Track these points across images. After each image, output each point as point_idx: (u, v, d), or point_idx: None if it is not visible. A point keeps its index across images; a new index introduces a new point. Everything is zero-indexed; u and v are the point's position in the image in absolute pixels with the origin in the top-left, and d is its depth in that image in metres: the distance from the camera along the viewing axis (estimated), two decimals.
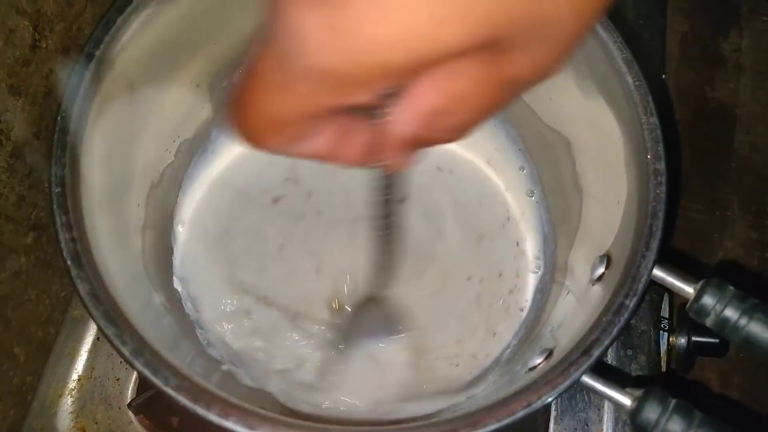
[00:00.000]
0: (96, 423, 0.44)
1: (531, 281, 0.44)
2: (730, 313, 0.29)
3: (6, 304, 0.40)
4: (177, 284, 0.43)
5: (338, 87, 0.19)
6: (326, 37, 0.17)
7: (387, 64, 0.18)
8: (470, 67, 0.19)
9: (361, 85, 0.18)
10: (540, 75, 0.20)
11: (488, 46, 0.18)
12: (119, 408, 0.44)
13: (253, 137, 0.22)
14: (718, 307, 0.30)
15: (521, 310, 0.43)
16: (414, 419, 0.28)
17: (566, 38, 0.19)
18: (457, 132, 0.21)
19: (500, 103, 0.21)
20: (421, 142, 0.22)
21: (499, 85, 0.20)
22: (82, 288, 0.29)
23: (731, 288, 0.30)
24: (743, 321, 0.29)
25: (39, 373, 0.44)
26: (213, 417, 0.27)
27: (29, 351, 0.43)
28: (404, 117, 0.20)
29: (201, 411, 0.27)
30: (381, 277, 0.33)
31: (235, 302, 0.43)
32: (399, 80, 0.19)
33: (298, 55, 0.18)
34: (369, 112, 0.21)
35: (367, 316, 0.40)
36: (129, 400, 0.44)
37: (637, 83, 0.34)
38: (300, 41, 0.18)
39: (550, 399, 0.28)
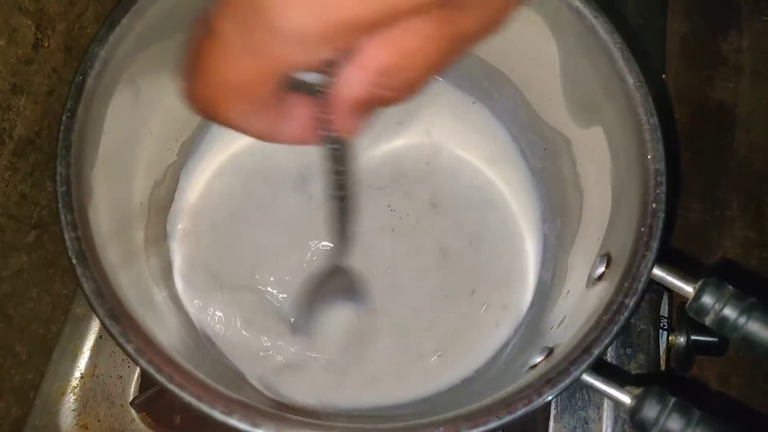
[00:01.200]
0: (98, 420, 0.44)
1: (531, 280, 0.44)
2: (729, 311, 0.30)
3: (8, 302, 0.40)
4: (178, 282, 0.43)
5: (302, 45, 0.19)
6: None
7: (352, 19, 0.18)
8: (422, 23, 0.20)
9: (324, 42, 0.19)
10: (485, 31, 0.21)
11: (441, 4, 0.19)
12: (121, 406, 0.45)
13: (209, 105, 0.22)
14: (717, 306, 0.30)
15: (521, 309, 0.44)
16: (415, 416, 0.28)
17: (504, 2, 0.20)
18: (406, 90, 0.22)
19: (448, 59, 0.21)
20: (371, 102, 0.22)
21: (448, 42, 0.21)
22: (87, 286, 0.29)
23: (730, 287, 0.30)
24: (742, 320, 0.29)
25: (41, 371, 0.45)
26: (217, 414, 0.27)
27: (31, 349, 0.43)
28: (354, 78, 0.21)
29: (205, 408, 0.27)
30: (340, 247, 0.33)
31: (232, 298, 0.43)
32: (359, 35, 0.19)
33: (262, 16, 0.18)
34: (311, 86, 0.22)
35: (328, 285, 0.40)
36: (131, 398, 0.44)
37: (637, 84, 0.34)
38: (265, 2, 0.18)
39: (550, 397, 0.28)
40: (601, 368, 0.31)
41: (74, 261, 0.29)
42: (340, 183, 0.27)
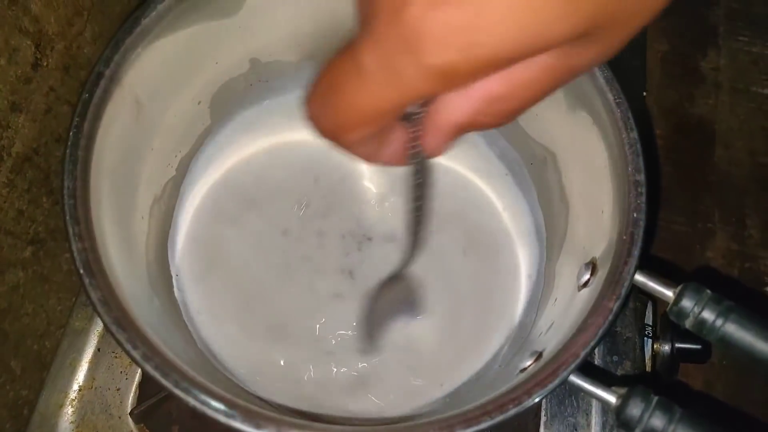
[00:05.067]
0: None
1: (522, 290, 0.45)
2: (708, 314, 0.31)
3: (4, 317, 0.41)
4: (177, 293, 0.44)
5: (446, 80, 0.19)
6: (447, 34, 0.18)
7: (498, 56, 0.18)
8: (546, 56, 0.20)
9: (465, 77, 0.19)
10: (600, 62, 0.21)
11: (575, 41, 0.19)
12: (119, 417, 0.45)
13: (336, 130, 0.22)
14: (696, 310, 0.31)
15: (514, 317, 0.45)
16: (411, 417, 0.29)
17: (631, 29, 0.20)
18: (507, 118, 0.22)
19: (555, 89, 0.21)
20: (469, 126, 0.22)
21: (563, 74, 0.21)
22: (94, 295, 0.30)
23: (708, 291, 0.32)
24: (719, 322, 0.31)
25: (35, 387, 0.45)
26: (220, 417, 0.28)
27: (25, 365, 0.43)
28: (460, 103, 0.21)
29: (209, 411, 0.28)
30: (412, 255, 0.34)
31: (229, 311, 0.44)
32: (496, 71, 0.19)
33: (413, 52, 0.18)
34: (409, 112, 0.22)
35: (388, 299, 0.40)
36: (129, 410, 0.44)
37: (617, 100, 0.36)
38: (418, 39, 0.18)
39: (540, 397, 0.29)
40: (589, 372, 0.32)
41: (81, 271, 0.30)
42: (419, 195, 0.28)
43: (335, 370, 0.43)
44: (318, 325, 0.44)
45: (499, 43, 0.18)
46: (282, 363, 0.43)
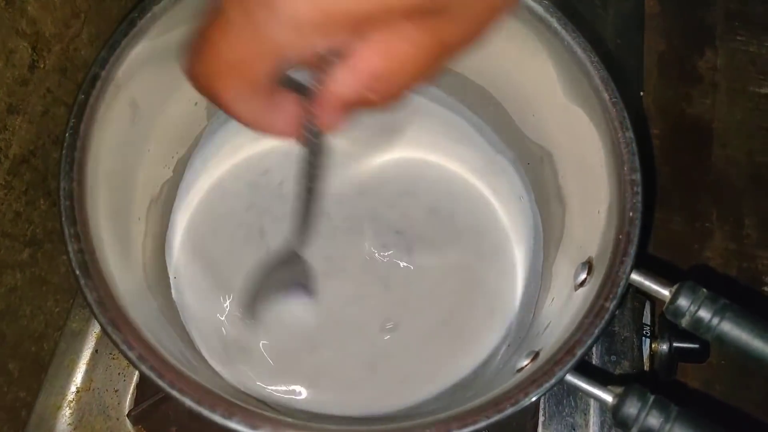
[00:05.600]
0: None
1: (518, 290, 0.46)
2: (704, 313, 0.31)
3: (1, 319, 0.41)
4: (174, 295, 0.44)
5: (298, 31, 0.21)
6: None
7: (348, 11, 0.20)
8: (411, 30, 0.22)
9: (318, 31, 0.21)
10: (469, 40, 0.23)
11: (429, 11, 0.21)
12: (117, 419, 0.45)
13: (206, 80, 0.24)
14: (692, 308, 0.31)
15: (510, 317, 0.45)
16: (408, 418, 0.29)
17: (487, 13, 0.23)
18: (392, 95, 0.24)
19: (434, 67, 0.23)
20: (357, 103, 0.24)
21: (435, 49, 0.23)
22: (91, 296, 0.30)
23: (704, 290, 0.32)
24: (715, 320, 0.31)
25: (33, 389, 0.45)
26: (217, 417, 0.28)
27: (23, 367, 0.43)
28: (345, 78, 0.23)
29: (206, 412, 0.28)
30: (301, 235, 0.35)
31: (225, 312, 0.44)
32: (352, 30, 0.21)
33: (268, 4, 0.20)
34: (303, 86, 0.24)
35: (282, 273, 0.41)
36: (127, 411, 0.44)
37: (613, 100, 0.36)
38: None
39: (536, 397, 0.29)
40: (586, 371, 0.32)
41: (78, 272, 0.30)
42: (312, 174, 0.29)
43: (336, 369, 0.43)
44: (319, 325, 0.44)
45: None
46: (281, 362, 0.43)
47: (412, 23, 0.21)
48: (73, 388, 0.46)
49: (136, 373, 0.46)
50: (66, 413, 0.45)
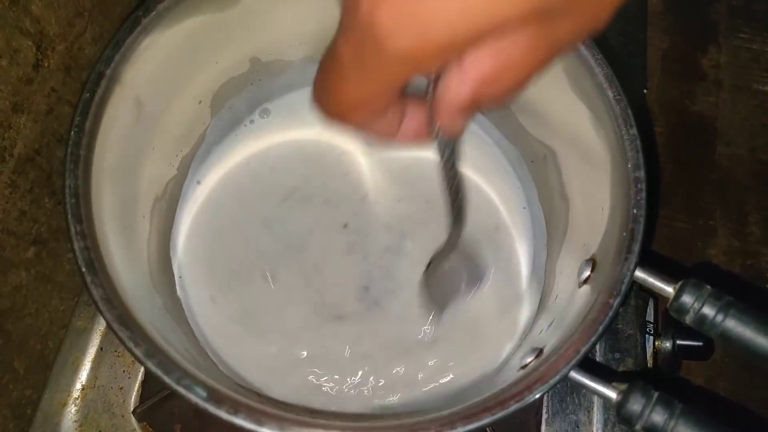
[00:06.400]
0: (99, 431, 0.45)
1: (523, 288, 0.46)
2: (708, 310, 0.31)
3: (7, 317, 0.41)
4: (179, 292, 0.44)
5: (410, 64, 0.21)
6: (397, 23, 0.20)
7: (453, 37, 0.20)
8: (522, 36, 0.21)
9: (429, 59, 0.21)
10: (581, 36, 0.23)
11: (539, 16, 0.21)
12: (122, 416, 0.45)
13: (336, 117, 0.25)
14: (696, 305, 0.31)
15: (513, 316, 0.45)
16: (413, 414, 0.29)
17: (606, 4, 0.22)
18: (505, 96, 0.24)
19: (545, 65, 0.23)
20: (474, 107, 0.24)
21: (546, 50, 0.22)
22: (96, 293, 0.30)
23: (708, 287, 0.32)
24: (719, 317, 0.31)
25: (38, 387, 0.45)
26: (223, 414, 0.28)
27: (28, 365, 0.44)
28: (458, 86, 0.23)
29: (212, 408, 0.28)
30: (456, 231, 0.35)
31: (231, 311, 0.44)
32: (461, 51, 0.21)
33: (374, 42, 0.21)
34: (423, 92, 0.25)
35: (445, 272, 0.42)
36: (132, 408, 0.45)
37: (617, 97, 0.36)
38: (373, 30, 0.20)
39: (540, 393, 0.29)
40: (591, 369, 0.32)
41: (83, 269, 0.30)
42: (452, 175, 0.30)
43: (338, 367, 0.43)
44: (321, 326, 0.44)
45: (448, 24, 0.20)
46: (284, 361, 0.43)
47: (521, 29, 0.21)
48: (78, 386, 0.46)
49: (141, 370, 0.46)
50: (71, 410, 0.45)
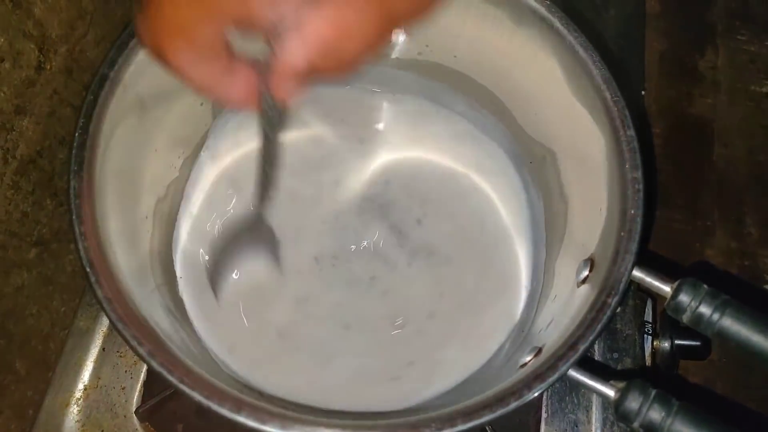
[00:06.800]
0: (102, 431, 0.45)
1: (523, 286, 0.46)
2: (704, 309, 0.32)
3: (8, 318, 0.41)
4: (181, 292, 0.44)
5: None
6: None
7: None
8: (363, 6, 0.22)
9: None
10: (415, 13, 0.24)
11: None
12: (125, 416, 0.45)
13: (156, 42, 0.24)
14: (693, 304, 0.32)
15: (515, 314, 0.45)
16: (413, 412, 0.30)
17: None
18: (343, 64, 0.24)
19: (382, 37, 0.24)
20: (309, 73, 0.24)
21: (382, 19, 0.23)
22: (100, 293, 0.30)
23: (705, 286, 0.32)
24: (716, 316, 0.31)
25: (40, 388, 0.45)
26: (226, 412, 0.28)
27: (30, 366, 0.44)
28: (296, 48, 0.23)
29: (215, 406, 0.28)
30: (262, 202, 0.36)
31: (230, 311, 0.44)
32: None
33: None
34: (257, 58, 0.24)
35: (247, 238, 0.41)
36: (134, 408, 0.45)
37: (615, 99, 0.36)
38: None
39: (539, 391, 0.30)
40: (589, 368, 0.32)
41: (87, 269, 0.31)
42: (272, 147, 0.29)
43: (339, 368, 0.43)
44: (322, 327, 0.44)
45: None
46: (287, 361, 0.43)
47: None
48: (80, 386, 0.46)
49: (143, 370, 0.46)
50: (74, 411, 0.45)
